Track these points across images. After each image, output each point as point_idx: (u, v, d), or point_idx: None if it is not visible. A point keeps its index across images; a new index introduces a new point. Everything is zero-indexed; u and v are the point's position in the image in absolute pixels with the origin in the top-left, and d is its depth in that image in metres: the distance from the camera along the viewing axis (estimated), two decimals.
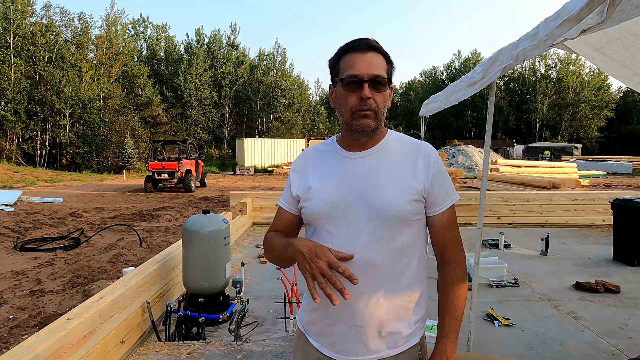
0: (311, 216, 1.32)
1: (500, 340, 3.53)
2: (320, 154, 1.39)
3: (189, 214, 10.85)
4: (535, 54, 2.27)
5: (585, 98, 45.83)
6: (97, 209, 11.52)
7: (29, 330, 4.01)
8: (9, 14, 26.69)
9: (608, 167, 27.97)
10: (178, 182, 16.42)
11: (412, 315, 1.31)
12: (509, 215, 8.50)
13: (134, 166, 26.13)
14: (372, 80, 1.21)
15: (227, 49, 43.65)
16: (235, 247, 6.69)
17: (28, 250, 7.01)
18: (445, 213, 1.30)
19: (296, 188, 1.37)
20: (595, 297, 4.52)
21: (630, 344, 3.45)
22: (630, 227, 5.70)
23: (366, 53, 1.22)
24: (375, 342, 1.26)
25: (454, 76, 52.17)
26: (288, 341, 3.48)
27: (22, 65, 27.07)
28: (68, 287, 5.19)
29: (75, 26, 31.45)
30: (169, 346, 3.36)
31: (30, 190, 16.58)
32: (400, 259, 1.27)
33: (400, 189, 1.25)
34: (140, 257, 6.54)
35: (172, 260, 4.16)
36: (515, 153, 39.70)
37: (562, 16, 1.83)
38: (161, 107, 34.44)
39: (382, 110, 1.26)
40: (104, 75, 30.76)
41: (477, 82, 2.99)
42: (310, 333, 1.36)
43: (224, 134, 40.61)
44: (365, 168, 1.29)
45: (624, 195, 7.25)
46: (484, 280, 4.85)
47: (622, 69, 3.09)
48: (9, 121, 26.44)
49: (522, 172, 19.04)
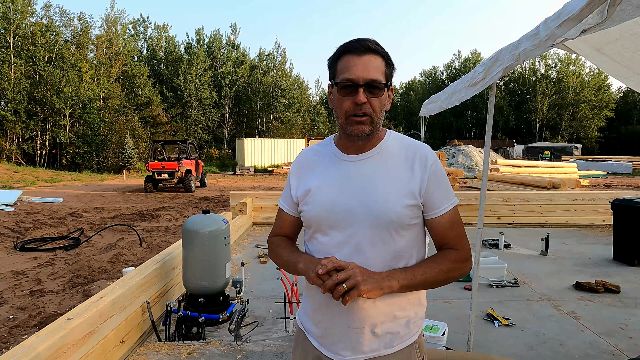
0: (310, 220, 1.33)
1: (500, 340, 3.53)
2: (319, 155, 1.38)
3: (189, 214, 10.85)
4: (536, 54, 2.27)
5: (585, 98, 45.84)
6: (97, 209, 11.52)
7: (29, 330, 4.01)
8: (9, 14, 26.70)
9: (608, 167, 27.97)
10: (178, 182, 16.42)
11: (410, 316, 1.30)
12: (509, 215, 8.50)
13: (134, 166, 26.14)
14: (368, 84, 1.20)
15: (227, 49, 43.68)
16: (235, 247, 6.69)
17: (28, 250, 7.01)
18: (445, 215, 1.28)
19: (295, 191, 1.38)
20: (595, 297, 4.52)
21: (630, 344, 3.45)
22: (630, 227, 5.70)
23: (363, 56, 1.20)
24: (371, 341, 1.26)
25: (454, 76, 52.19)
26: (288, 341, 3.48)
27: (22, 65, 27.08)
28: (68, 287, 5.19)
29: (75, 26, 31.51)
30: (169, 346, 3.36)
31: (30, 190, 16.58)
32: (398, 261, 1.27)
33: (399, 193, 1.24)
34: (140, 257, 6.54)
35: (172, 260, 4.16)
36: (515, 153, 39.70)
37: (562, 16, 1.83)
38: (161, 107, 34.44)
39: (379, 115, 1.24)
40: (104, 75, 30.76)
41: (478, 83, 2.98)
42: (309, 332, 1.37)
43: (224, 134, 40.62)
44: (363, 171, 1.28)
45: (624, 195, 7.25)
46: (484, 280, 4.85)
47: (622, 69, 3.09)
48: (9, 121, 26.45)
49: (522, 172, 19.04)
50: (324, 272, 1.16)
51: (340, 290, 1.14)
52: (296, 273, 1.32)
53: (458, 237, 1.31)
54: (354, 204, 1.25)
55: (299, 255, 1.34)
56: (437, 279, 1.25)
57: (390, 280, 1.19)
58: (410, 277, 1.22)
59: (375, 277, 1.18)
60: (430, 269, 1.25)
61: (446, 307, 4.24)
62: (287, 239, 1.46)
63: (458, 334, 3.54)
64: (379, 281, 1.18)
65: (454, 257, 1.28)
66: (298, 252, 1.37)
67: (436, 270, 1.25)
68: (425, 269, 1.24)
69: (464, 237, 1.32)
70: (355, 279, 1.14)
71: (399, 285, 1.20)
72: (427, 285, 1.26)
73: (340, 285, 1.14)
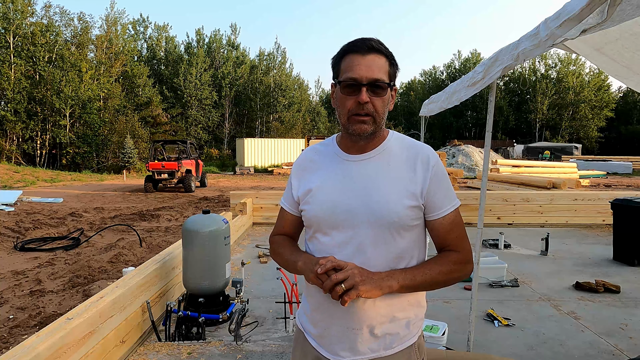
0: (311, 220, 1.33)
1: (500, 340, 3.53)
2: (320, 155, 1.38)
3: (189, 214, 10.85)
4: (536, 54, 2.27)
5: (585, 98, 45.82)
6: (97, 209, 11.52)
7: (29, 330, 4.01)
8: (9, 14, 26.70)
9: (608, 167, 27.96)
10: (178, 182, 16.42)
11: (409, 317, 1.30)
12: (509, 215, 8.50)
13: (134, 166, 26.14)
14: (371, 84, 1.19)
15: (227, 49, 43.66)
16: (235, 247, 6.69)
17: (28, 250, 7.01)
18: (446, 217, 1.28)
19: (296, 191, 1.38)
20: (595, 297, 4.52)
21: (630, 344, 3.45)
22: (630, 227, 5.70)
23: (367, 55, 1.20)
24: (370, 342, 1.26)
25: (454, 76, 52.17)
26: (288, 341, 3.48)
27: (22, 65, 27.08)
28: (68, 287, 5.19)
29: (75, 26, 31.50)
30: (169, 346, 3.36)
31: (30, 190, 16.58)
32: (398, 262, 1.26)
33: (401, 194, 1.24)
34: (140, 257, 6.54)
35: (172, 260, 4.16)
36: (515, 153, 39.69)
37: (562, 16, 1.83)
38: (161, 107, 34.43)
39: (381, 114, 1.24)
40: (104, 75, 30.75)
41: (477, 82, 2.99)
42: (309, 333, 1.37)
43: (224, 134, 40.61)
44: (365, 172, 1.28)
45: (624, 195, 7.25)
46: (484, 280, 4.85)
47: (622, 69, 3.09)
48: (9, 121, 26.45)
49: (522, 172, 19.03)
50: (322, 271, 1.16)
51: (338, 290, 1.13)
52: (296, 272, 1.32)
53: (459, 239, 1.30)
54: (355, 204, 1.25)
55: (299, 254, 1.34)
56: (437, 280, 1.24)
57: (389, 281, 1.19)
58: (410, 277, 1.21)
59: (374, 278, 1.17)
60: (430, 270, 1.24)
61: (446, 307, 4.24)
62: (288, 238, 1.46)
63: (458, 334, 3.54)
64: (378, 281, 1.17)
65: (455, 259, 1.27)
66: (298, 251, 1.37)
67: (436, 272, 1.24)
68: (425, 270, 1.24)
69: (465, 239, 1.32)
70: (353, 280, 1.13)
71: (398, 286, 1.19)
72: (427, 287, 1.25)
73: (339, 286, 1.13)
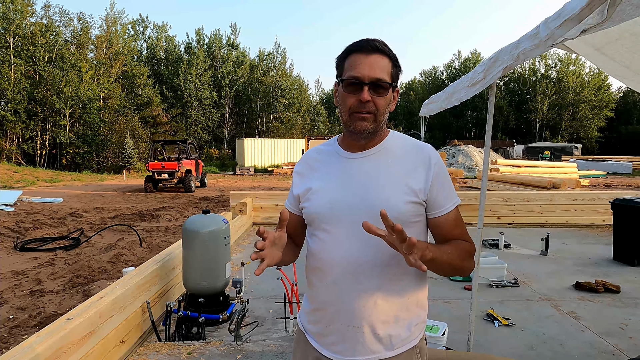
0: (311, 216, 1.33)
1: (500, 340, 3.53)
2: (322, 154, 1.40)
3: (189, 214, 10.85)
4: (536, 54, 2.27)
5: (585, 98, 45.81)
6: (97, 209, 11.51)
7: (29, 330, 4.01)
8: (9, 14, 26.68)
9: (608, 167, 27.95)
10: (178, 182, 16.42)
11: (411, 318, 1.29)
12: (509, 215, 8.50)
13: (134, 166, 26.13)
14: (373, 83, 1.21)
15: (227, 49, 43.64)
16: (235, 247, 6.69)
17: (28, 250, 7.01)
18: (450, 214, 1.29)
19: (297, 189, 1.39)
20: (595, 297, 4.52)
21: (630, 344, 3.45)
22: (630, 227, 5.70)
23: (370, 55, 1.22)
24: (372, 343, 1.25)
25: (454, 76, 52.16)
26: (288, 341, 3.48)
27: (22, 65, 27.06)
28: (68, 287, 5.19)
29: (75, 26, 31.50)
30: (169, 346, 3.36)
31: (30, 190, 16.58)
32: (400, 260, 1.25)
33: (400, 190, 1.24)
34: (140, 257, 6.54)
35: (172, 260, 4.16)
36: (515, 153, 39.67)
37: (562, 16, 1.83)
38: (161, 107, 34.42)
39: (383, 114, 1.25)
40: (104, 75, 30.74)
41: (478, 83, 2.98)
42: (310, 333, 1.37)
43: (224, 134, 40.60)
44: (365, 169, 1.29)
45: (624, 195, 7.24)
46: (484, 280, 4.85)
47: (622, 69, 3.09)
48: (9, 121, 26.43)
49: (522, 172, 19.03)
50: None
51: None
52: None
53: (463, 234, 1.31)
54: (355, 201, 1.26)
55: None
56: (454, 265, 1.22)
57: (426, 250, 1.13)
58: (438, 253, 1.17)
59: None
60: (451, 252, 1.22)
61: (446, 307, 4.24)
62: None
63: (458, 334, 3.54)
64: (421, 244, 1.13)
65: (467, 248, 1.28)
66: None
67: (456, 255, 1.23)
68: (447, 250, 1.21)
69: (468, 234, 1.34)
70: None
71: (431, 256, 1.13)
72: (445, 267, 1.21)
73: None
